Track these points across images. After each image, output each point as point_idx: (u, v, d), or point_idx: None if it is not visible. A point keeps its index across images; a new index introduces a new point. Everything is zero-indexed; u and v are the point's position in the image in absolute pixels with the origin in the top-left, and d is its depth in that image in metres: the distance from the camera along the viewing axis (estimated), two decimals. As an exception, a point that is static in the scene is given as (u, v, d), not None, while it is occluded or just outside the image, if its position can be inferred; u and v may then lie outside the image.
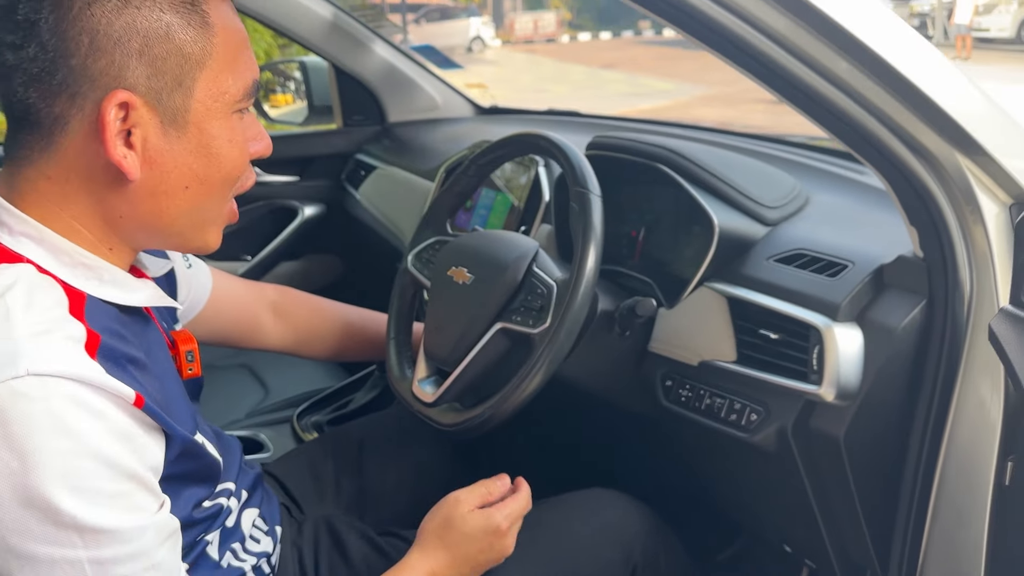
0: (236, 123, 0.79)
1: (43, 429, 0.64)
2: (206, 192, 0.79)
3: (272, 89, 2.65)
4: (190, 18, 0.74)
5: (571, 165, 1.12)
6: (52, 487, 0.63)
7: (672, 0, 0.83)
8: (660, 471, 1.32)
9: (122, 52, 0.71)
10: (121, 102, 0.71)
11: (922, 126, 0.92)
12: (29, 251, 0.73)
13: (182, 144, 0.76)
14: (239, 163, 0.81)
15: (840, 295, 1.04)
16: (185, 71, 0.74)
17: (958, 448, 1.02)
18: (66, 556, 0.65)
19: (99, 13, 0.70)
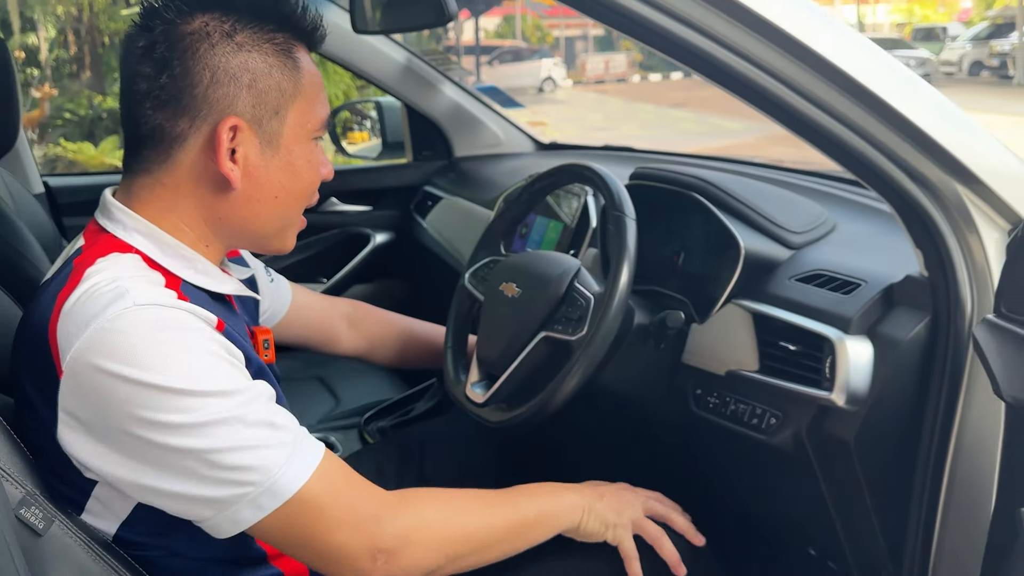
0: (313, 148, 0.99)
1: (154, 334, 0.82)
2: (289, 202, 0.98)
3: (349, 127, 2.86)
4: (286, 61, 0.95)
5: (609, 191, 1.26)
6: (171, 373, 0.82)
7: (691, 48, 0.95)
8: (690, 476, 1.42)
9: (235, 85, 0.91)
10: (232, 125, 0.91)
11: (922, 158, 1.03)
12: (139, 243, 0.92)
13: (274, 161, 0.95)
14: (314, 180, 1.00)
15: (852, 310, 1.14)
16: (281, 103, 0.94)
17: (964, 453, 1.11)
18: (215, 414, 0.83)
19: (219, 54, 0.90)
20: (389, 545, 0.92)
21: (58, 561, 0.85)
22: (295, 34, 0.97)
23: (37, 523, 0.83)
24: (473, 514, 1.02)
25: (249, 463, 0.84)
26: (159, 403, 0.81)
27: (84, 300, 0.84)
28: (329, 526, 0.89)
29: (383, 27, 1.76)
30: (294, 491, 0.86)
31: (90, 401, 0.83)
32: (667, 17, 0.92)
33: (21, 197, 1.81)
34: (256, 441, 0.85)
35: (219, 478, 0.84)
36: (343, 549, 0.90)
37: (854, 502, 1.17)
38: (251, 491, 0.84)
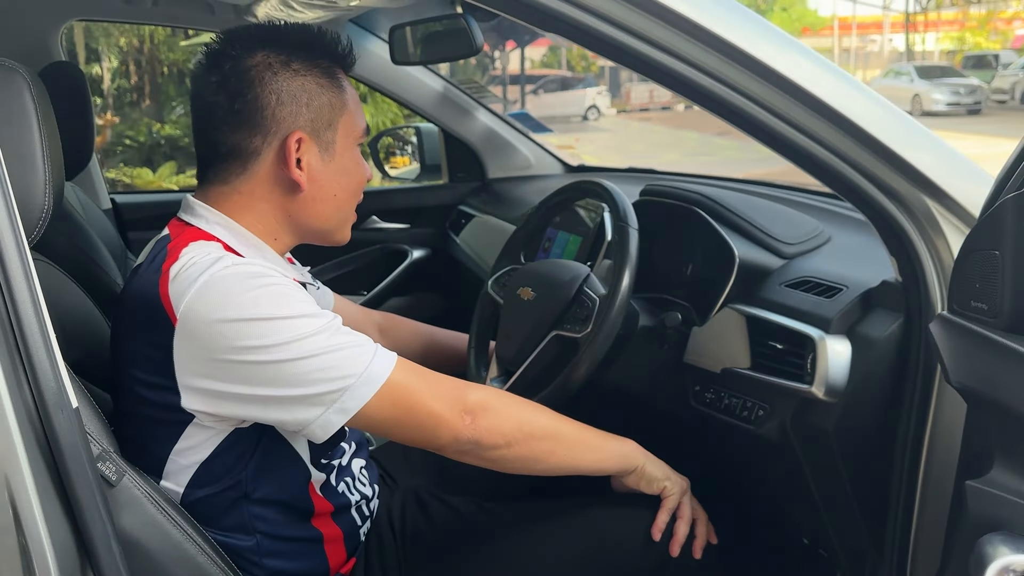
0: (358, 153, 1.19)
1: (250, 282, 1.01)
2: (346, 198, 1.18)
3: (392, 152, 3.03)
4: (332, 82, 1.15)
5: (615, 204, 1.40)
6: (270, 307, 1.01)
7: (675, 74, 1.09)
8: (693, 467, 1.53)
9: (297, 104, 1.11)
10: (298, 138, 1.10)
11: (891, 173, 1.14)
12: (219, 233, 1.10)
13: (332, 166, 1.15)
14: (363, 179, 1.21)
15: (832, 312, 1.26)
16: (333, 116, 1.14)
17: (940, 441, 1.20)
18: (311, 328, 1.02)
19: (281, 79, 1.11)
20: (473, 408, 1.10)
21: (127, 510, 1.00)
22: (334, 60, 1.16)
23: (111, 475, 0.98)
24: (540, 411, 1.19)
25: (341, 361, 1.02)
26: (258, 331, 1.00)
27: (189, 266, 1.03)
28: (423, 397, 1.08)
29: (419, 59, 1.92)
30: (385, 377, 1.04)
31: (203, 343, 1.00)
32: (650, 47, 1.05)
33: (91, 211, 2.00)
34: (344, 344, 1.03)
35: (322, 377, 1.01)
36: (439, 414, 1.08)
37: (835, 488, 1.28)
38: (351, 382, 1.02)
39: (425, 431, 1.09)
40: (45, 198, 1.05)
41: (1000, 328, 0.94)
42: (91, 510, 0.83)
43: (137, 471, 1.03)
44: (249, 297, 1.00)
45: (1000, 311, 0.94)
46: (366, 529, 1.30)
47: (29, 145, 1.04)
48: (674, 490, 1.25)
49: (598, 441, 1.22)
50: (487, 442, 1.11)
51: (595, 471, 1.23)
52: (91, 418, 1.00)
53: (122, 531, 1.00)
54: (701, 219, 1.49)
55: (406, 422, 1.08)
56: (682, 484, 1.26)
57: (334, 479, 1.22)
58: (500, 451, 1.12)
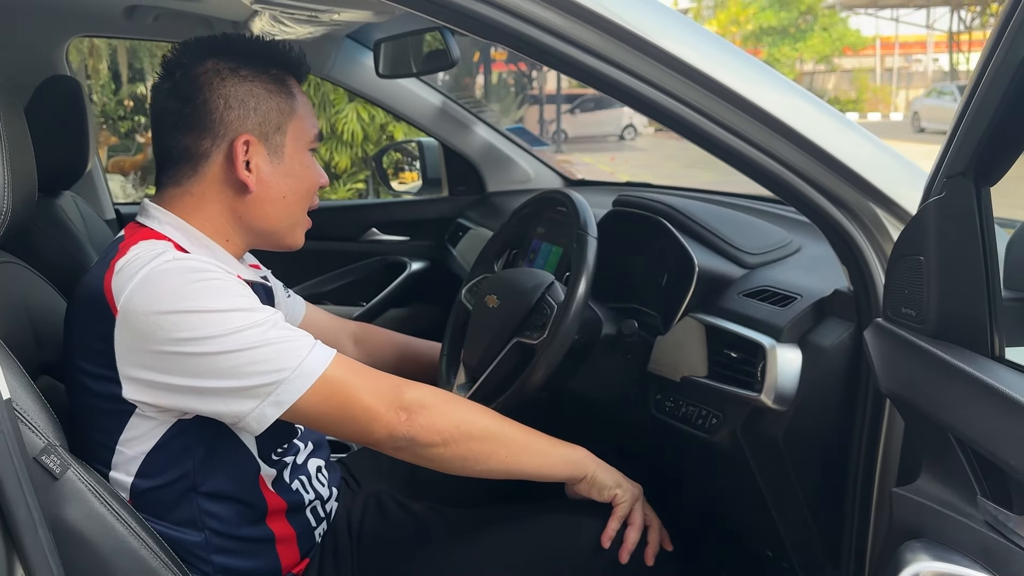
0: (309, 157, 1.23)
1: (190, 275, 1.05)
2: (295, 201, 1.21)
3: (401, 167, 3.08)
4: (281, 88, 1.20)
5: (576, 213, 1.41)
6: (208, 300, 1.04)
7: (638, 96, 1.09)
8: (655, 477, 1.53)
9: (244, 108, 1.15)
10: (245, 140, 1.14)
11: (838, 181, 1.14)
12: (170, 233, 1.14)
13: (280, 168, 1.19)
14: (313, 183, 1.23)
15: (784, 320, 1.25)
16: (282, 120, 1.19)
17: (895, 453, 1.20)
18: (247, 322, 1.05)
19: (229, 84, 1.15)
20: (409, 405, 1.11)
21: (70, 502, 1.03)
22: (284, 68, 1.21)
23: (54, 468, 1.02)
24: (483, 412, 1.20)
25: (276, 354, 1.05)
26: (194, 323, 1.03)
27: (132, 260, 1.07)
28: (359, 392, 1.09)
29: (401, 72, 1.96)
30: (321, 371, 1.07)
31: (141, 335, 1.04)
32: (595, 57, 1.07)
33: (93, 222, 2.06)
34: (281, 338, 1.06)
35: (256, 370, 1.04)
36: (374, 410, 1.10)
37: (789, 498, 1.27)
38: (286, 375, 1.05)
39: (360, 426, 1.11)
40: (4, 203, 1.09)
41: (927, 334, 0.94)
42: (16, 498, 0.87)
43: (83, 465, 1.06)
44: (187, 290, 1.04)
45: (927, 317, 0.94)
46: (322, 530, 1.31)
47: None
48: (625, 497, 1.25)
49: (544, 446, 1.22)
50: (423, 439, 1.12)
51: (541, 476, 1.23)
52: (38, 412, 1.04)
53: (65, 523, 1.03)
54: (666, 229, 1.49)
55: (341, 417, 1.10)
56: (633, 491, 1.26)
57: (287, 475, 1.25)
58: (437, 449, 1.13)
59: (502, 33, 1.05)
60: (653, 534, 1.26)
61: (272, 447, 1.20)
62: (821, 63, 27.10)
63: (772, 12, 25.15)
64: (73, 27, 2.13)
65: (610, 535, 1.24)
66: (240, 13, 1.88)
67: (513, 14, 1.03)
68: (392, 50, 1.94)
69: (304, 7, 1.62)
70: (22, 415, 1.01)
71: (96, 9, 2.01)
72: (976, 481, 0.86)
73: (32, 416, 1.02)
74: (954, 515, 0.87)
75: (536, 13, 1.03)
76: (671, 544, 1.28)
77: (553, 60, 1.08)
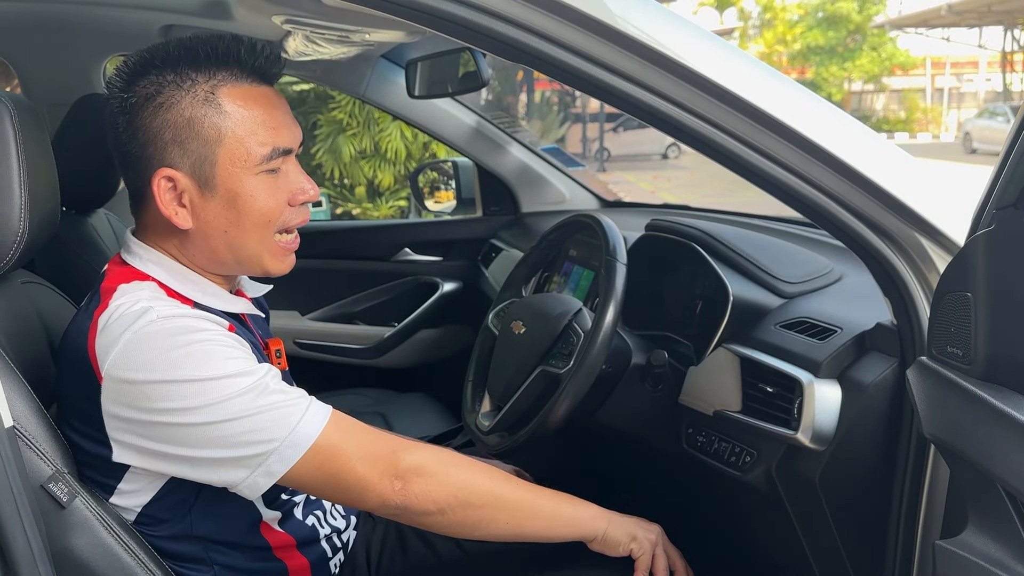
0: (265, 180, 1.06)
1: (176, 339, 0.98)
2: (242, 234, 1.07)
3: (437, 187, 3.05)
4: (207, 109, 1.03)
5: (605, 239, 1.36)
6: (196, 367, 0.98)
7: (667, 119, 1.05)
8: (681, 513, 1.47)
9: (160, 141, 1.03)
10: (165, 176, 1.04)
11: (881, 210, 1.08)
12: (154, 272, 1.08)
13: (216, 201, 1.05)
14: (268, 211, 1.06)
15: (823, 355, 1.19)
16: (207, 149, 1.03)
17: (939, 497, 1.13)
18: (235, 389, 0.98)
19: (144, 117, 1.04)
20: (404, 473, 1.05)
21: (77, 532, 1.01)
22: (239, 72, 1.05)
23: (62, 497, 1.00)
24: (482, 473, 1.12)
25: (267, 423, 0.99)
26: (182, 393, 0.97)
27: (115, 317, 1.00)
28: (350, 461, 1.03)
29: (432, 93, 1.94)
30: (312, 440, 1.00)
31: (128, 403, 0.99)
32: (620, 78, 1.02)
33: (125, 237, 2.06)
34: (271, 405, 1.00)
35: (246, 440, 0.99)
36: (366, 479, 1.03)
37: (826, 544, 1.20)
38: (276, 445, 0.99)
39: (352, 495, 1.05)
40: (20, 223, 1.08)
41: (974, 376, 0.88)
42: (13, 528, 0.84)
43: (92, 493, 1.04)
44: (173, 357, 0.98)
45: (974, 357, 0.88)
46: (338, 560, 1.28)
47: (5, 171, 1.07)
48: (644, 549, 1.17)
49: (551, 508, 1.15)
50: (417, 508, 1.06)
51: (547, 539, 1.16)
52: (46, 439, 1.02)
53: (71, 552, 1.01)
54: (700, 256, 1.44)
55: (333, 485, 1.04)
56: (651, 538, 1.18)
57: (300, 512, 1.21)
58: (433, 517, 1.08)
59: (532, 57, 1.01)
60: (680, 564, 1.20)
61: (277, 492, 1.16)
62: (870, 83, 26.71)
63: (820, 31, 24.87)
64: (110, 46, 2.15)
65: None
66: (273, 33, 1.87)
67: (542, 36, 1.00)
68: (423, 71, 1.91)
69: (334, 27, 1.60)
70: (30, 441, 0.99)
71: (133, 29, 2.01)
72: (1028, 538, 0.79)
73: (40, 443, 1.00)
74: (1002, 573, 0.80)
75: (565, 35, 0.99)
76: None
77: (582, 83, 1.04)
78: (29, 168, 1.10)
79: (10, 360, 1.03)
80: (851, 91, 27.34)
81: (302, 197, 1.10)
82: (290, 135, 1.09)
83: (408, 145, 6.73)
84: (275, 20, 1.60)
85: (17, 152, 1.08)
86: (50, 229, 1.20)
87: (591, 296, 1.80)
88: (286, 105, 1.11)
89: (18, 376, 1.03)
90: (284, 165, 1.09)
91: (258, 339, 1.19)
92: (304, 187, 1.10)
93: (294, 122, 1.11)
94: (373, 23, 1.58)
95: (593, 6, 0.97)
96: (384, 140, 6.63)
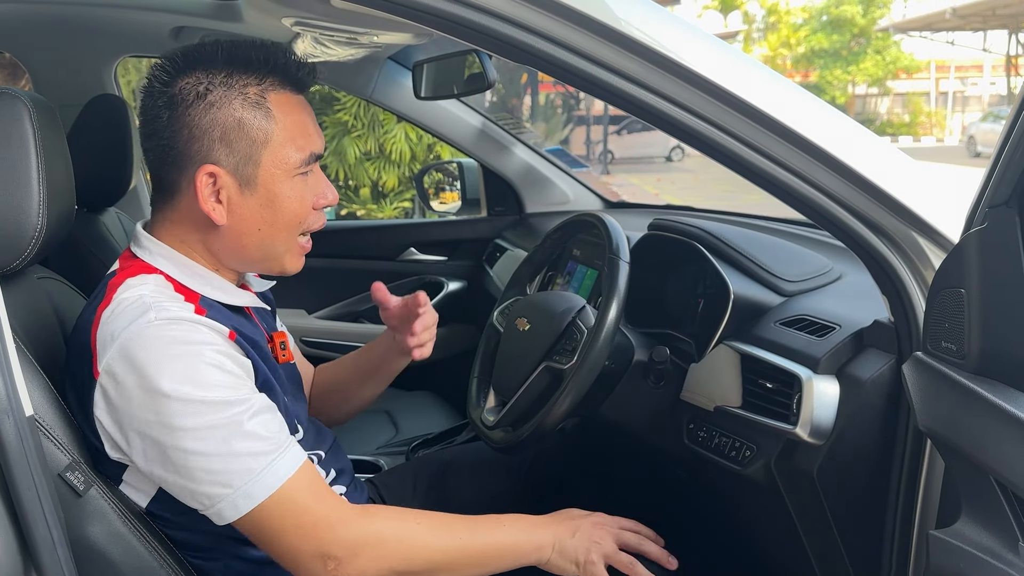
0: (299, 183, 1.11)
1: (169, 348, 0.99)
2: (274, 233, 1.11)
3: (442, 188, 3.08)
4: (256, 112, 1.07)
5: (609, 237, 1.39)
6: (180, 383, 0.98)
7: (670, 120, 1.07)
8: (683, 508, 1.50)
9: (209, 139, 1.06)
10: (209, 172, 1.06)
11: (878, 209, 1.11)
12: (162, 265, 1.10)
13: (254, 200, 1.09)
14: (300, 211, 1.11)
15: (821, 351, 1.21)
16: (253, 150, 1.07)
17: (935, 490, 1.15)
18: (208, 423, 0.99)
19: (193, 113, 1.06)
20: (339, 553, 1.04)
21: (93, 520, 1.04)
22: (283, 79, 1.10)
23: (78, 485, 1.02)
24: (429, 535, 1.11)
25: (234, 468, 1.00)
26: (160, 408, 0.98)
27: (116, 314, 1.03)
28: (286, 530, 1.03)
29: (438, 94, 1.96)
30: (264, 497, 1.01)
31: (115, 403, 1.01)
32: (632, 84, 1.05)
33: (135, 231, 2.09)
34: (241, 450, 1.00)
35: (207, 479, 1.00)
36: (296, 552, 1.04)
37: (824, 536, 1.23)
38: (231, 493, 1.00)
39: (284, 563, 1.06)
40: (39, 219, 1.11)
41: (968, 370, 0.90)
42: (34, 514, 0.87)
43: (107, 482, 1.07)
44: (168, 366, 0.99)
45: (968, 352, 0.90)
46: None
47: (25, 169, 1.09)
48: (593, 568, 1.17)
49: (497, 548, 1.15)
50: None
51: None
52: (63, 428, 1.05)
53: (87, 541, 1.03)
54: (702, 254, 1.46)
55: (268, 547, 1.06)
56: (602, 548, 1.17)
57: None
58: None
59: (538, 59, 1.03)
60: (650, 547, 1.21)
61: None
62: (874, 86, 26.70)
63: (824, 35, 24.87)
64: (121, 47, 2.18)
65: None
66: (283, 35, 1.90)
67: (547, 39, 1.02)
68: (430, 72, 1.94)
69: (343, 30, 1.62)
70: (47, 431, 1.02)
71: (144, 30, 2.05)
72: (1018, 527, 0.81)
73: (57, 432, 1.03)
74: (994, 562, 0.83)
75: (569, 37, 1.02)
76: (672, 561, 1.21)
77: (586, 84, 1.07)
78: (48, 166, 1.12)
79: (28, 352, 1.06)
80: (855, 94, 27.32)
81: (323, 201, 1.15)
82: (321, 142, 1.14)
83: (412, 147, 6.75)
84: (285, 22, 1.63)
85: (36, 150, 1.11)
86: (66, 226, 1.23)
87: (594, 295, 1.82)
88: (314, 113, 1.16)
89: (36, 368, 1.05)
90: (313, 170, 1.13)
91: (263, 332, 1.21)
92: (325, 192, 1.15)
93: (320, 130, 1.15)
94: (381, 25, 1.61)
95: (597, 9, 0.99)
96: (389, 142, 6.66)
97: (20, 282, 1.17)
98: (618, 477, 1.62)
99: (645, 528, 1.25)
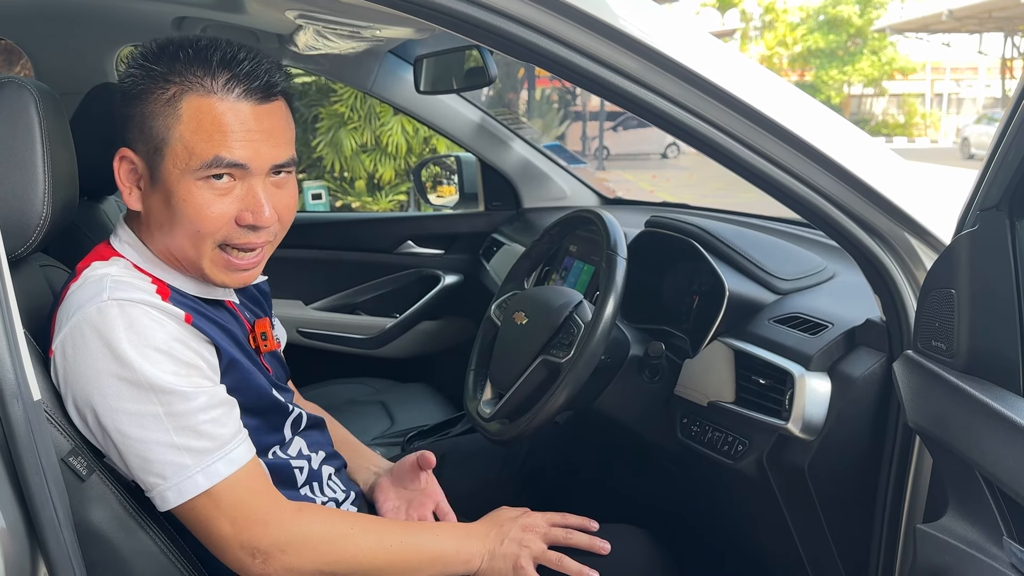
0: (199, 188, 1.05)
1: (122, 331, 1.01)
2: (172, 235, 1.08)
3: (440, 181, 3.10)
4: (166, 110, 1.05)
5: (607, 233, 1.41)
6: (132, 367, 1.00)
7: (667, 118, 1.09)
8: (677, 502, 1.52)
9: (131, 124, 1.08)
10: (124, 156, 1.10)
11: (871, 209, 1.13)
12: (128, 253, 1.12)
13: (157, 193, 1.08)
14: (196, 220, 1.06)
15: (813, 349, 1.24)
16: (159, 143, 1.06)
17: (923, 485, 1.17)
18: (149, 410, 1.01)
19: (131, 102, 1.08)
20: (267, 548, 1.06)
21: (96, 504, 1.05)
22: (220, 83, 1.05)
23: (81, 470, 1.04)
24: (359, 539, 1.13)
25: (169, 460, 1.02)
26: (109, 389, 1.01)
27: (75, 292, 1.06)
28: (218, 520, 1.05)
29: (439, 89, 1.98)
30: (195, 494, 1.03)
31: (65, 379, 1.04)
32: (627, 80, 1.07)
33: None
34: (180, 444, 1.02)
35: (142, 467, 1.03)
36: (225, 543, 1.06)
37: (814, 530, 1.25)
38: (162, 484, 1.03)
39: (214, 550, 1.08)
40: (43, 206, 1.12)
41: (957, 368, 0.92)
42: (41, 497, 0.88)
43: (109, 467, 1.08)
44: (119, 346, 1.01)
45: (957, 351, 0.92)
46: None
47: (31, 156, 1.11)
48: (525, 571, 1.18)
49: (427, 557, 1.17)
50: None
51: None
52: (65, 414, 1.06)
53: (90, 524, 1.05)
54: (698, 252, 1.48)
55: (199, 536, 1.08)
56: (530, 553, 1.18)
57: (300, 479, 1.24)
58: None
59: (538, 55, 1.05)
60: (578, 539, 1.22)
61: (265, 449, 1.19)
62: (869, 87, 26.75)
63: (820, 34, 24.89)
64: (123, 37, 2.18)
65: None
66: (285, 27, 1.91)
67: (548, 35, 1.03)
68: (431, 67, 1.95)
69: (345, 23, 1.64)
70: (50, 416, 1.03)
71: (146, 20, 2.04)
72: (1002, 521, 0.84)
73: (59, 417, 1.04)
74: (978, 555, 0.85)
75: (569, 34, 1.03)
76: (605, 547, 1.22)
77: (585, 80, 1.08)
78: (52, 154, 1.13)
79: (33, 339, 1.07)
80: (851, 95, 27.36)
81: (248, 219, 1.08)
82: (251, 153, 1.06)
83: (409, 140, 6.76)
84: (288, 15, 1.64)
85: (41, 138, 1.12)
86: (69, 214, 1.24)
87: (590, 291, 1.84)
88: (275, 127, 1.09)
89: (40, 353, 1.07)
90: (241, 181, 1.07)
91: (244, 322, 1.22)
92: (253, 210, 1.08)
93: (273, 145, 1.08)
94: (384, 19, 1.63)
95: (596, 6, 1.01)
96: (385, 134, 6.66)
97: (24, 269, 1.18)
98: (612, 470, 1.64)
99: (573, 518, 1.25)
